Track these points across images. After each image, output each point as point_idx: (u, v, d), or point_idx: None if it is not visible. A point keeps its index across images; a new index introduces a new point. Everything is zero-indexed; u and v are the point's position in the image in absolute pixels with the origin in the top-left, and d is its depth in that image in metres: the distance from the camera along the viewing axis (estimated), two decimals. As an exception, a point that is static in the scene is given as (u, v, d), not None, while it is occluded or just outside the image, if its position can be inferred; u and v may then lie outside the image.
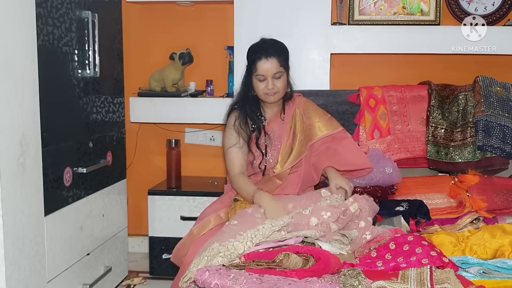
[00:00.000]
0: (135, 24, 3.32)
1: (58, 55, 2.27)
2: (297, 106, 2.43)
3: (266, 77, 2.27)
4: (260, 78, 2.28)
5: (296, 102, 2.45)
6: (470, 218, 2.22)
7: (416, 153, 2.74)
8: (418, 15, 2.98)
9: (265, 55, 2.26)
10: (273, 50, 2.29)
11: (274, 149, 2.38)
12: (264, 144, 2.37)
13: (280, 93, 2.33)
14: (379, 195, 2.41)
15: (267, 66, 2.26)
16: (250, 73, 2.33)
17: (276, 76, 2.28)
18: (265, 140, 2.37)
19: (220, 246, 1.70)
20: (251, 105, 2.37)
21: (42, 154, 2.15)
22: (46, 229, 2.19)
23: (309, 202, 2.09)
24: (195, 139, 3.38)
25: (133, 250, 3.44)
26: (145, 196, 3.12)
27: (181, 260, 2.22)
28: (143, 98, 3.16)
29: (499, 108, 2.62)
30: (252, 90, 2.35)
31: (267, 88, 2.28)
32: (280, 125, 2.39)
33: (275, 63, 2.27)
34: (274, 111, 2.42)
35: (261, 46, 2.32)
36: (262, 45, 2.33)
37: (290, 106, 2.43)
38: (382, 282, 1.49)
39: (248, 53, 2.34)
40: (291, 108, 2.42)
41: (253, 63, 2.29)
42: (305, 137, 2.37)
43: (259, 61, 2.27)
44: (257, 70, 2.28)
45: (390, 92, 2.81)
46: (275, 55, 2.27)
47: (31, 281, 2.08)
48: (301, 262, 1.58)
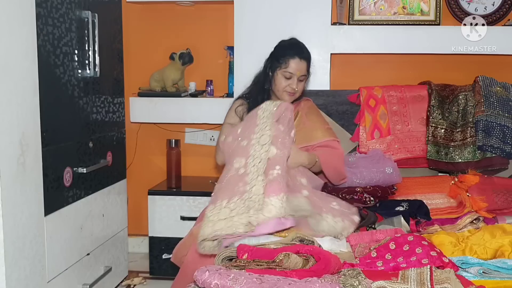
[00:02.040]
0: (135, 24, 3.32)
1: (58, 55, 2.27)
2: (301, 109, 2.45)
3: (294, 76, 2.32)
4: (287, 75, 2.33)
5: (301, 105, 2.47)
6: (470, 218, 2.22)
7: (416, 153, 2.74)
8: (418, 15, 2.98)
9: (300, 55, 2.32)
10: (307, 53, 2.37)
11: None
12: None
13: (297, 95, 2.39)
14: (379, 195, 2.41)
15: (299, 66, 2.32)
16: (275, 67, 2.35)
17: (301, 78, 2.35)
18: None
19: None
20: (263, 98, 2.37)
21: (42, 154, 2.15)
22: (46, 229, 2.19)
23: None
24: (195, 139, 3.38)
25: (133, 250, 3.44)
26: (145, 196, 3.12)
27: (181, 260, 2.22)
28: (143, 98, 3.16)
29: (499, 108, 2.62)
30: (269, 84, 2.39)
31: (290, 87, 2.33)
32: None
33: (305, 66, 2.34)
34: None
35: (298, 45, 2.37)
36: (299, 44, 2.38)
37: (295, 106, 2.44)
38: (382, 282, 1.49)
39: (280, 48, 2.38)
40: (294, 109, 2.42)
41: (284, 59, 2.32)
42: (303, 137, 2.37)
43: (292, 59, 2.31)
44: (288, 67, 2.32)
45: (390, 92, 2.81)
46: (307, 58, 2.36)
47: (31, 281, 2.08)
48: (301, 262, 1.58)
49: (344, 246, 1.87)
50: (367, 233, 2.00)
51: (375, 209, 2.31)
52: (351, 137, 2.80)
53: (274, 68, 2.36)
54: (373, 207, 2.35)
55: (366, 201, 2.37)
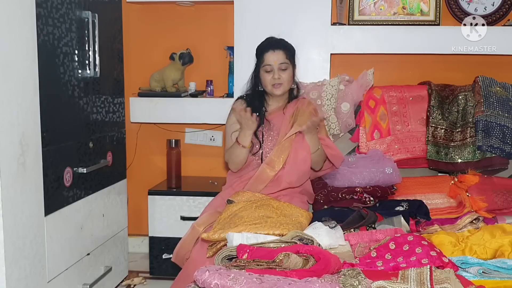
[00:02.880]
0: (135, 24, 3.32)
1: (58, 55, 2.27)
2: (300, 105, 2.51)
3: (273, 67, 2.42)
4: (267, 68, 2.43)
5: (299, 102, 2.53)
6: (470, 218, 2.22)
7: (416, 154, 2.74)
8: (418, 15, 2.98)
9: (272, 48, 2.44)
10: (280, 44, 2.46)
11: (270, 140, 2.47)
12: (261, 131, 2.47)
13: (285, 86, 2.46)
14: (379, 195, 2.41)
15: (275, 56, 2.42)
16: (258, 67, 2.47)
17: (282, 67, 2.42)
18: (262, 128, 2.47)
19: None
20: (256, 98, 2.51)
21: (42, 154, 2.15)
22: (46, 229, 2.19)
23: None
24: (195, 139, 3.38)
25: (133, 250, 3.44)
26: (145, 196, 3.12)
27: (183, 259, 2.21)
28: (143, 98, 3.16)
29: (499, 108, 2.62)
30: (260, 85, 2.49)
31: (273, 78, 2.42)
32: (280, 118, 2.50)
33: (281, 54, 2.43)
34: (278, 105, 2.54)
35: (269, 40, 2.50)
36: (270, 39, 2.50)
37: (293, 105, 2.53)
38: (382, 282, 1.49)
39: (257, 49, 2.50)
40: (292, 107, 2.52)
41: (261, 56, 2.45)
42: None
43: (266, 52, 2.44)
44: (264, 61, 2.43)
45: (390, 93, 2.81)
46: (281, 48, 2.45)
47: (31, 281, 2.08)
48: (301, 262, 1.58)
49: (342, 240, 1.88)
50: (367, 233, 2.00)
51: (375, 209, 2.32)
52: (351, 138, 2.81)
53: (258, 69, 2.48)
54: (373, 207, 2.36)
55: (366, 201, 2.38)
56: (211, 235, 1.96)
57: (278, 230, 1.92)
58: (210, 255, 1.97)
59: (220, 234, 1.93)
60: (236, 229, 1.91)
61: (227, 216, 2.10)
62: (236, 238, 1.82)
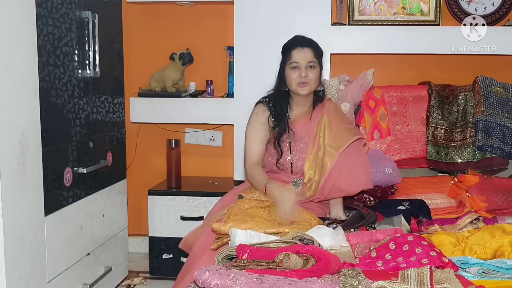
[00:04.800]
0: (135, 24, 3.32)
1: (58, 55, 2.27)
2: (326, 112, 2.38)
3: (300, 65, 2.30)
4: (293, 65, 2.31)
5: (325, 107, 2.41)
6: (470, 218, 2.22)
7: (416, 154, 2.74)
8: (418, 15, 2.98)
9: (300, 45, 2.33)
10: (309, 42, 2.36)
11: (297, 149, 2.35)
12: (287, 141, 2.35)
13: (311, 85, 2.33)
14: (378, 195, 2.41)
15: (302, 54, 2.31)
16: (284, 64, 2.35)
17: (310, 65, 2.31)
18: (288, 137, 2.36)
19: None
20: (281, 101, 2.38)
21: (42, 154, 2.15)
22: (46, 229, 2.19)
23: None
24: (195, 139, 3.38)
25: (133, 250, 3.44)
26: (145, 196, 3.12)
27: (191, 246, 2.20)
28: (143, 98, 3.16)
29: (499, 108, 2.62)
30: (285, 85, 2.37)
31: (300, 76, 2.30)
32: (307, 125, 2.37)
33: (309, 52, 2.32)
34: (303, 110, 2.40)
35: (297, 38, 2.39)
36: (298, 37, 2.40)
37: (319, 109, 2.40)
38: (382, 282, 1.49)
39: (284, 47, 2.39)
40: (319, 112, 2.39)
41: (288, 53, 2.33)
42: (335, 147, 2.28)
43: (294, 49, 2.32)
44: (291, 58, 2.31)
45: (390, 93, 2.81)
46: (310, 46, 2.34)
47: (31, 281, 2.08)
48: (301, 262, 1.58)
49: (344, 241, 1.88)
50: (367, 233, 2.00)
51: (376, 208, 2.32)
52: (351, 138, 2.81)
53: (283, 66, 2.36)
54: (374, 206, 2.36)
55: (366, 201, 2.38)
56: (222, 226, 1.94)
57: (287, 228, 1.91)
58: (214, 248, 1.94)
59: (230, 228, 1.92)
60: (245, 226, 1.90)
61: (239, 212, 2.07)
62: (239, 234, 1.82)
